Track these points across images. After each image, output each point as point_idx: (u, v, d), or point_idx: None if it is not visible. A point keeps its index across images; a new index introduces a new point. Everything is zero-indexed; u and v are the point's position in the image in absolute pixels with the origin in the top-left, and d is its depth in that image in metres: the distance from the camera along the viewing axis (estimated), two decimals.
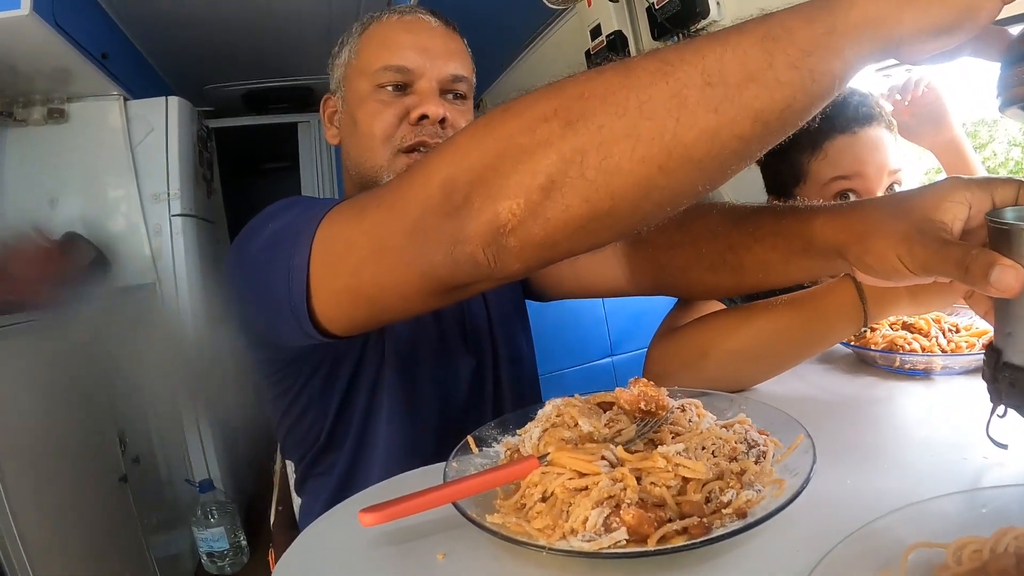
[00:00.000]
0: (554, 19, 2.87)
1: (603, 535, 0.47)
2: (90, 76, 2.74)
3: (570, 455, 0.53)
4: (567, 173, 0.51)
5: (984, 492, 0.47)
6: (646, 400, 0.59)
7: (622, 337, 1.70)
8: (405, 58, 0.95)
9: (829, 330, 0.82)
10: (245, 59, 3.69)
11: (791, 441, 0.60)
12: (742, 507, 0.49)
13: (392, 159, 0.95)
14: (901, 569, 0.41)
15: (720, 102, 0.49)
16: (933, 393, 0.83)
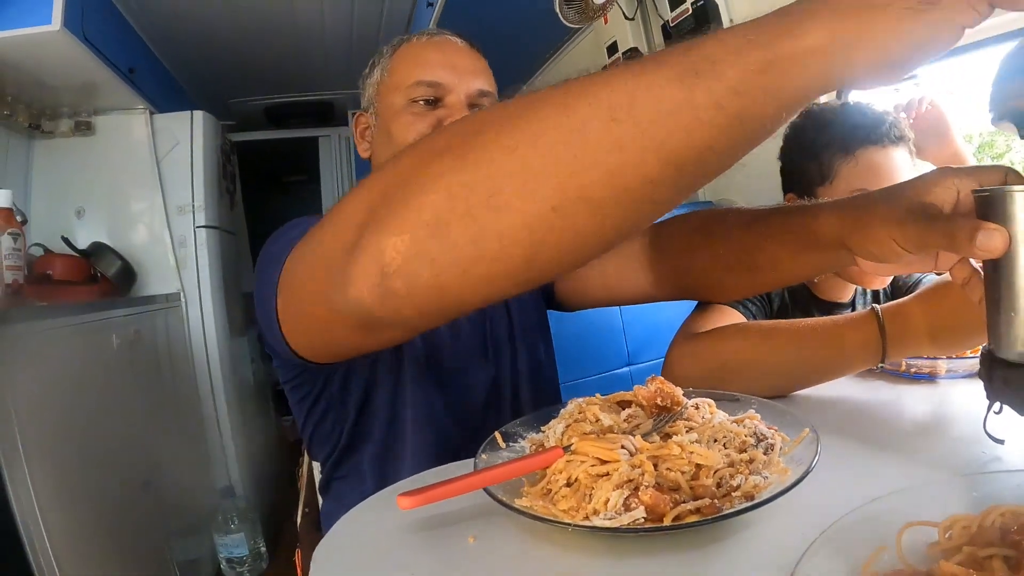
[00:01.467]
0: (571, 37, 2.92)
1: (623, 514, 0.51)
2: (117, 90, 2.82)
3: (593, 444, 0.58)
4: (454, 210, 0.47)
5: (976, 477, 0.50)
6: (662, 396, 0.64)
7: (640, 347, 1.73)
8: (436, 74, 1.01)
9: (846, 362, 0.84)
10: (267, 74, 3.77)
11: (797, 436, 0.64)
12: (750, 491, 0.54)
13: None
14: (897, 546, 0.44)
15: (626, 140, 0.45)
16: (938, 395, 0.87)
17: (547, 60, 3.32)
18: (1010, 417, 0.60)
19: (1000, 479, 0.50)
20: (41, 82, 2.60)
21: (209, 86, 3.72)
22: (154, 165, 3.00)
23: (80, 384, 2.02)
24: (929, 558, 0.43)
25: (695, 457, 0.56)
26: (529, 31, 2.79)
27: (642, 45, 2.31)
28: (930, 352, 0.80)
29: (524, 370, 1.13)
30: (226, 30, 3.16)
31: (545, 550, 0.56)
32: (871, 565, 0.42)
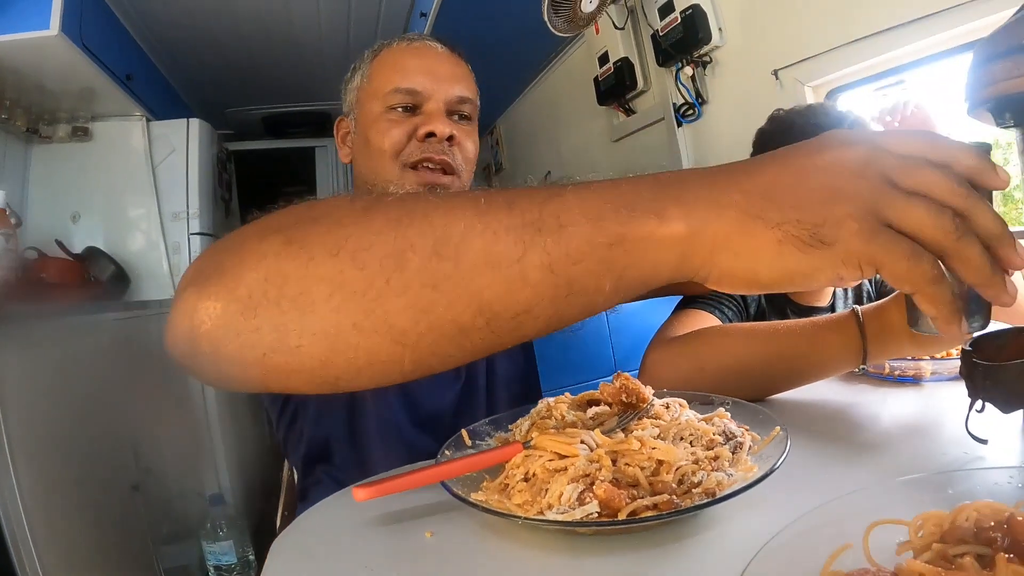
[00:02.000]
0: (564, 48, 2.94)
1: (576, 509, 0.49)
2: (114, 96, 2.83)
3: (551, 439, 0.56)
4: (266, 294, 0.45)
5: (951, 474, 0.47)
6: (627, 392, 0.62)
7: (626, 355, 1.71)
8: (414, 81, 1.00)
9: (827, 364, 0.83)
10: (264, 84, 3.78)
11: (768, 435, 0.62)
12: (712, 488, 0.52)
13: (401, 173, 1.00)
14: (864, 544, 0.41)
15: (443, 280, 0.43)
16: (922, 398, 0.85)
17: (540, 71, 3.34)
18: (993, 416, 0.59)
19: (976, 476, 0.47)
20: (40, 87, 2.61)
21: (207, 95, 3.73)
22: (150, 172, 3.01)
23: (70, 387, 2.00)
24: (899, 558, 0.40)
25: (656, 453, 0.54)
26: (522, 42, 2.80)
27: (632, 55, 2.31)
28: (912, 352, 0.79)
29: (502, 378, 1.10)
30: (223, 39, 3.17)
31: (502, 546, 0.54)
32: (832, 564, 0.40)
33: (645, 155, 2.49)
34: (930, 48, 1.44)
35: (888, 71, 1.57)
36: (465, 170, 1.04)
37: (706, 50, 2.01)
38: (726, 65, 2.02)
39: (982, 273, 0.44)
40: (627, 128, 2.56)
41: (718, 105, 2.09)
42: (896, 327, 0.76)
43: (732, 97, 2.03)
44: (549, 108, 3.41)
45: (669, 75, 2.19)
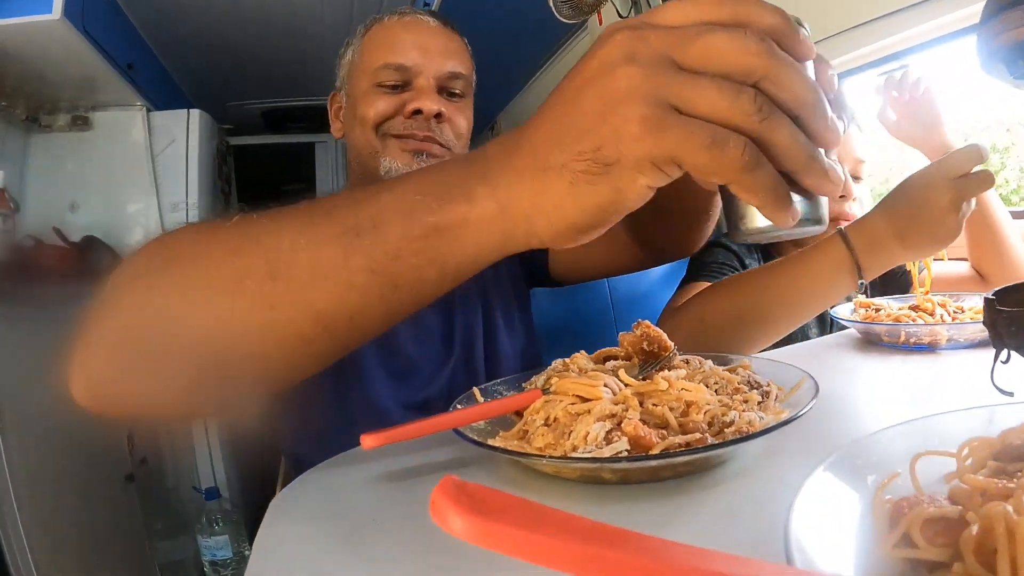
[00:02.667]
0: (566, 40, 2.92)
1: (605, 448, 0.47)
2: (115, 86, 2.80)
3: (573, 381, 0.54)
4: (127, 343, 0.49)
5: (992, 408, 0.45)
6: (648, 340, 0.59)
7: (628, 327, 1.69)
8: (403, 56, 0.98)
9: (822, 287, 0.82)
10: (265, 77, 3.75)
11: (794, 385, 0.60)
12: (744, 428, 0.49)
13: (384, 142, 0.98)
14: (912, 474, 0.39)
15: (279, 299, 0.44)
16: (940, 366, 0.83)
17: (542, 65, 3.32)
18: (1019, 367, 0.57)
19: (1018, 409, 0.45)
20: (41, 75, 2.58)
21: (207, 88, 3.70)
22: (149, 162, 2.98)
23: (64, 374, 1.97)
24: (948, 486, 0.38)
25: (684, 394, 0.51)
26: (526, 33, 2.78)
27: None
28: (905, 257, 0.79)
29: (504, 355, 1.07)
30: (225, 32, 3.14)
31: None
32: (884, 490, 0.38)
33: None
34: (933, 32, 1.41)
35: (891, 56, 1.55)
36: (458, 145, 1.02)
37: None
38: None
39: (794, 158, 0.37)
40: None
41: None
42: (883, 236, 0.77)
43: None
44: None
45: None
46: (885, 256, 0.79)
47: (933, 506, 0.33)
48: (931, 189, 0.74)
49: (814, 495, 0.36)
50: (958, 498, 0.33)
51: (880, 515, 0.35)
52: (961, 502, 0.33)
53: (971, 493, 0.33)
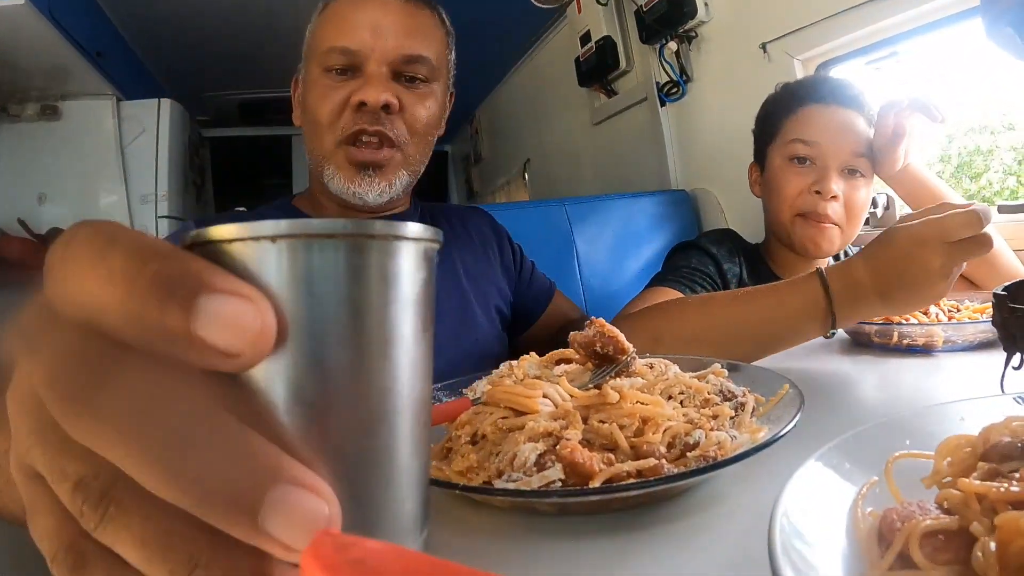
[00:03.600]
0: (545, 30, 2.87)
1: (534, 475, 0.38)
2: (84, 74, 2.70)
3: (506, 391, 0.45)
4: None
5: (958, 404, 0.40)
6: (602, 341, 0.50)
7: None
8: (351, 38, 0.87)
9: (792, 327, 0.75)
10: (242, 67, 3.66)
11: (775, 395, 0.51)
12: (712, 451, 0.40)
13: (334, 150, 0.89)
14: (887, 480, 0.35)
15: None
16: (935, 370, 0.76)
17: (520, 57, 3.27)
18: None
19: (989, 403, 0.40)
20: (8, 63, 2.49)
21: (182, 77, 3.59)
22: (119, 153, 2.91)
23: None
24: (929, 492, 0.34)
25: (639, 408, 0.43)
26: (506, 22, 2.72)
27: (615, 33, 2.24)
28: (884, 311, 0.72)
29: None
30: (200, 19, 3.05)
31: (437, 530, 0.42)
32: (863, 502, 0.33)
33: (628, 137, 2.40)
34: (924, 17, 1.37)
35: (881, 42, 1.49)
36: (410, 143, 0.91)
37: (691, 25, 1.93)
38: (712, 40, 1.94)
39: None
40: (609, 110, 2.47)
41: (703, 82, 2.00)
42: (864, 287, 0.70)
43: (718, 73, 1.95)
44: (530, 95, 3.32)
45: (653, 52, 2.10)
46: (863, 308, 0.72)
47: (927, 516, 0.29)
48: (923, 249, 0.66)
49: (789, 521, 0.30)
50: (952, 506, 0.30)
51: (863, 531, 0.31)
52: (957, 510, 0.29)
53: (967, 499, 0.29)
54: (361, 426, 0.23)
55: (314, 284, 0.22)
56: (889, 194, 1.46)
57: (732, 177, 1.78)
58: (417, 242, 0.25)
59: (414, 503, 0.26)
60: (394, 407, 0.24)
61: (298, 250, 0.22)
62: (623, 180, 2.45)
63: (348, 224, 0.23)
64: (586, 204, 1.88)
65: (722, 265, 1.22)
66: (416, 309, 0.25)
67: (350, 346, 0.23)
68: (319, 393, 0.23)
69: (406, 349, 0.24)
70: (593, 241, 1.84)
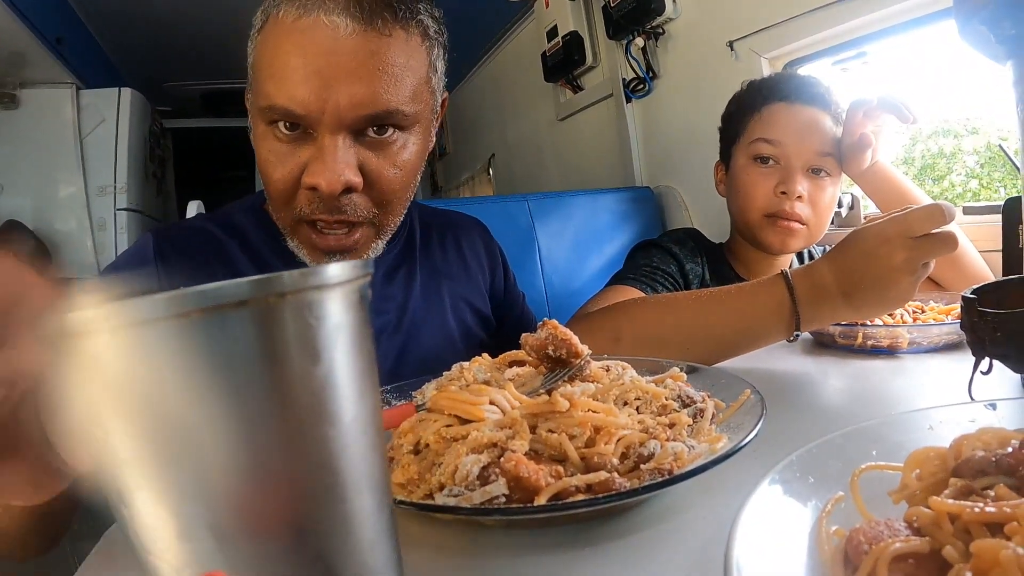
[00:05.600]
0: (511, 24, 2.84)
1: (476, 490, 0.36)
2: (43, 61, 2.63)
3: (450, 397, 0.42)
4: None
5: (927, 411, 0.39)
6: (554, 344, 0.47)
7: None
8: (293, 98, 0.66)
9: (756, 330, 0.74)
10: (205, 57, 3.58)
11: (736, 401, 0.49)
12: (667, 463, 0.38)
13: (295, 226, 0.75)
14: (854, 495, 0.33)
15: None
16: (900, 372, 0.74)
17: (486, 52, 3.25)
18: (1001, 377, 0.47)
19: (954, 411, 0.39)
20: None
21: (143, 66, 3.51)
22: (77, 143, 2.84)
23: None
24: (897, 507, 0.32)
25: (591, 416, 0.40)
26: (472, 16, 2.69)
27: (582, 28, 2.23)
28: (849, 316, 0.71)
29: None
30: (162, 6, 2.97)
31: None
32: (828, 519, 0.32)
33: (593, 133, 2.38)
34: (892, 18, 1.36)
35: (849, 42, 1.49)
36: (380, 214, 0.74)
37: (659, 21, 1.92)
38: (679, 37, 1.93)
39: None
40: (574, 106, 2.45)
41: (670, 79, 1.99)
42: (828, 288, 0.69)
43: (685, 71, 1.94)
44: (495, 89, 3.30)
45: (619, 49, 2.09)
46: (827, 310, 0.70)
47: (897, 539, 0.28)
48: (886, 245, 0.66)
49: (746, 541, 0.28)
50: (921, 525, 0.28)
51: (828, 552, 0.30)
52: (927, 531, 0.28)
53: (938, 519, 0.28)
54: (307, 500, 0.21)
55: (225, 366, 0.20)
56: (854, 194, 1.46)
57: (697, 175, 1.77)
58: (343, 286, 0.22)
59: (380, 559, 0.24)
60: (339, 477, 0.22)
61: (195, 328, 0.19)
62: (588, 176, 2.44)
63: (250, 286, 0.20)
64: (549, 200, 1.86)
65: (684, 264, 1.20)
66: (352, 365, 0.22)
67: (273, 431, 0.21)
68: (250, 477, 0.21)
69: (344, 416, 0.22)
70: (555, 237, 1.82)
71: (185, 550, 0.21)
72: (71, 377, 0.21)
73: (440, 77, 0.79)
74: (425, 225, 0.97)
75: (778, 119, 1.15)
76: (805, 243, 1.16)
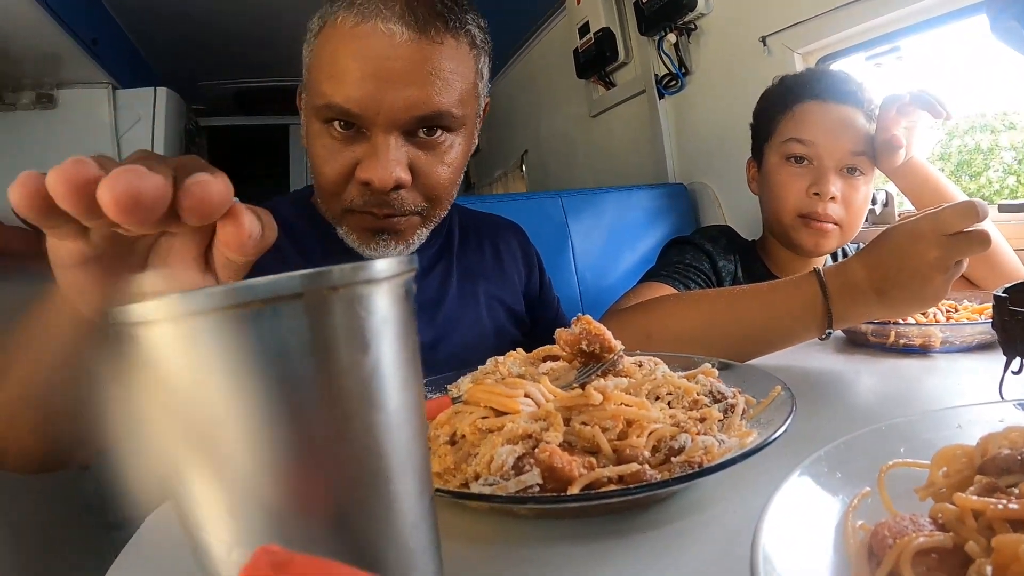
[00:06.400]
0: (544, 22, 2.84)
1: (511, 479, 0.37)
2: (80, 62, 2.69)
3: (486, 390, 0.43)
4: None
5: (956, 410, 0.39)
6: (588, 339, 0.49)
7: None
8: (350, 98, 0.71)
9: (788, 327, 0.74)
10: (238, 56, 3.64)
11: (767, 397, 0.50)
12: (698, 456, 0.39)
13: (342, 216, 0.79)
14: (880, 491, 0.33)
15: None
16: (932, 371, 0.74)
17: (519, 48, 3.25)
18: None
19: (982, 410, 0.39)
20: (3, 52, 2.47)
21: (177, 66, 3.57)
22: (114, 141, 2.91)
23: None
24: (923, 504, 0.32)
25: (623, 409, 0.41)
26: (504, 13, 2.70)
27: (614, 24, 2.22)
28: (883, 314, 0.70)
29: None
30: (195, 6, 3.03)
31: None
32: (854, 513, 0.32)
33: (625, 130, 2.38)
34: (926, 12, 1.34)
35: (883, 37, 1.46)
36: (428, 207, 0.79)
37: (691, 17, 1.91)
38: (711, 33, 1.92)
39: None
40: (607, 102, 2.45)
41: (702, 75, 1.98)
42: (862, 284, 0.69)
43: (717, 66, 1.92)
44: (528, 85, 3.30)
45: (651, 45, 2.08)
46: (860, 307, 0.70)
47: (921, 534, 0.28)
48: (919, 242, 0.65)
49: (775, 534, 0.29)
50: (946, 521, 0.29)
51: (853, 546, 0.30)
52: (952, 527, 0.28)
53: (962, 515, 0.28)
54: (353, 483, 0.23)
55: (280, 354, 0.21)
56: (888, 191, 1.44)
57: (730, 171, 1.76)
58: (390, 280, 0.23)
59: (420, 542, 0.26)
60: (385, 462, 0.23)
61: (252, 319, 0.21)
62: (621, 173, 2.43)
63: (304, 279, 0.21)
64: (582, 196, 1.86)
65: (717, 262, 1.20)
66: (398, 356, 0.24)
67: (324, 416, 0.22)
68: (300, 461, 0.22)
69: (390, 404, 0.23)
70: (589, 234, 1.82)
71: (237, 527, 0.22)
72: (136, 362, 0.22)
73: (485, 83, 0.84)
74: (464, 227, 1.00)
75: (810, 118, 1.13)
76: (838, 244, 1.15)
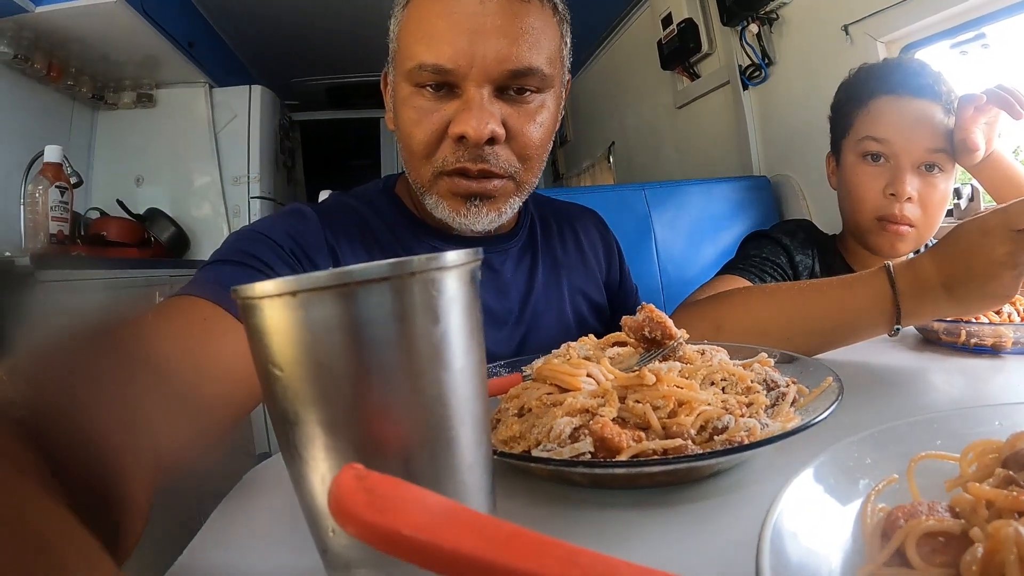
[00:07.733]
0: (627, 13, 2.84)
1: (567, 447, 0.41)
2: (177, 63, 2.86)
3: (552, 368, 0.48)
4: None
5: (997, 407, 0.40)
6: (650, 326, 0.52)
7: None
8: (442, 54, 0.72)
9: (856, 322, 0.74)
10: (328, 53, 3.76)
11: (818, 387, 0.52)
12: (740, 436, 0.42)
13: (434, 180, 0.79)
14: (909, 479, 0.35)
15: None
16: (1000, 371, 0.73)
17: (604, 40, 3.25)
18: None
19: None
20: (104, 55, 2.66)
21: (271, 64, 3.73)
22: (212, 137, 3.07)
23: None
24: (949, 495, 0.33)
25: (674, 391, 0.45)
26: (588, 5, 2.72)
27: (696, 15, 2.21)
28: (952, 311, 0.70)
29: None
30: (287, 7, 3.15)
31: None
32: (877, 497, 0.34)
33: (710, 121, 2.37)
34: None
35: (968, 23, 1.42)
36: (521, 169, 0.79)
37: (773, 6, 1.90)
38: (793, 22, 1.90)
39: None
40: (691, 93, 2.45)
41: (785, 65, 1.97)
42: (931, 280, 0.68)
43: (800, 56, 1.91)
44: (613, 77, 3.31)
45: (734, 35, 2.08)
46: (929, 304, 0.69)
47: (932, 517, 0.29)
48: (987, 238, 0.64)
49: (794, 505, 0.31)
50: (961, 510, 0.30)
51: (870, 526, 0.31)
52: (964, 515, 0.29)
53: (975, 504, 0.29)
54: (422, 425, 0.29)
55: (370, 322, 0.27)
56: (974, 185, 1.40)
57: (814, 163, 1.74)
58: (458, 268, 0.29)
59: (475, 480, 0.31)
60: (448, 411, 0.29)
61: (351, 296, 0.27)
62: (706, 164, 2.42)
63: (390, 267, 0.27)
64: (665, 189, 1.88)
65: (794, 256, 1.19)
66: (463, 327, 0.29)
67: (402, 373, 0.28)
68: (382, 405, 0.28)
69: (455, 364, 0.29)
70: (671, 226, 1.83)
71: (331, 458, 0.28)
72: (261, 330, 0.28)
73: (568, 53, 0.84)
74: (543, 216, 1.01)
75: (885, 115, 1.11)
76: (914, 246, 1.13)
